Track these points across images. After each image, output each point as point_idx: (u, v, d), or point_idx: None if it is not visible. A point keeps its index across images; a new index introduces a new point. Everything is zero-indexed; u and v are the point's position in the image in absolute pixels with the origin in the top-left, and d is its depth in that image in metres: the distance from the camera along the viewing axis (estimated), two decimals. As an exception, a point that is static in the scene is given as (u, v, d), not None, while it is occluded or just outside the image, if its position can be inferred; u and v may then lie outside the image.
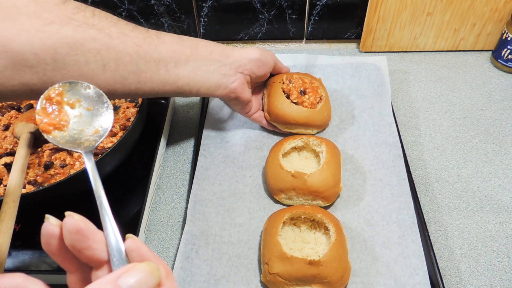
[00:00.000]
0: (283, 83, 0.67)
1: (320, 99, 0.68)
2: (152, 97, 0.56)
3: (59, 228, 0.28)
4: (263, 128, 0.71)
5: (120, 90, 0.50)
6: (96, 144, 0.40)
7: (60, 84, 0.41)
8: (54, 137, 0.40)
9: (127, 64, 0.49)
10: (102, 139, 0.40)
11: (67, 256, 0.29)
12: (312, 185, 0.57)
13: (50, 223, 0.28)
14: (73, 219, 0.28)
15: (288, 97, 0.66)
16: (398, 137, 0.67)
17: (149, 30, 0.53)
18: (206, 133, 0.70)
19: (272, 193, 0.61)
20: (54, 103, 0.40)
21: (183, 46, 0.55)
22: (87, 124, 0.41)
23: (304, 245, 0.55)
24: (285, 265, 0.50)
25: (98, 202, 0.33)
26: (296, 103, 0.66)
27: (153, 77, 0.52)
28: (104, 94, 0.43)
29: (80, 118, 0.41)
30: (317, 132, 0.69)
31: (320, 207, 0.58)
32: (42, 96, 0.40)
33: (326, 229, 0.55)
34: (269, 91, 0.68)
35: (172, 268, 0.56)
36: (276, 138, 0.69)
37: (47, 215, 0.29)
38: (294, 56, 0.80)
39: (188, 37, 0.57)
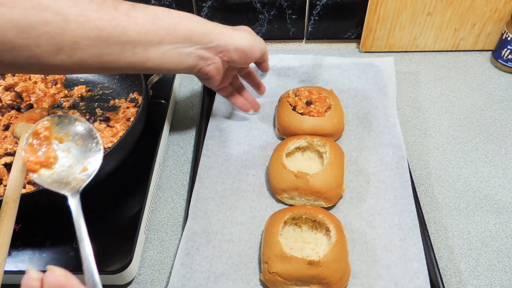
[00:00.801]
0: (289, 97, 0.69)
1: (329, 108, 0.68)
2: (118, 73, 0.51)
3: (40, 283, 0.27)
4: (267, 127, 0.71)
5: (80, 71, 0.47)
6: (84, 185, 0.37)
7: (49, 117, 0.39)
8: (39, 175, 0.37)
9: (85, 48, 0.44)
10: (90, 179, 0.38)
11: None
12: (314, 185, 0.57)
13: (31, 277, 0.27)
14: (54, 274, 0.27)
15: (294, 109, 0.68)
16: (402, 138, 0.67)
17: (119, 7, 0.46)
18: (209, 133, 0.70)
19: (274, 192, 0.61)
20: (42, 138, 0.39)
21: (158, 27, 0.49)
22: (75, 161, 0.39)
23: (304, 245, 0.55)
24: (285, 264, 0.50)
25: (82, 253, 0.31)
26: (302, 114, 0.67)
27: (117, 60, 0.48)
28: (94, 129, 0.40)
29: (69, 153, 0.39)
30: None
31: (322, 207, 0.58)
32: (29, 131, 0.38)
33: (327, 230, 0.55)
34: (278, 107, 0.70)
35: (172, 264, 0.56)
36: (281, 138, 0.70)
37: (28, 269, 0.27)
38: (300, 57, 0.80)
39: (169, 14, 0.51)
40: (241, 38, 0.57)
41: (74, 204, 0.34)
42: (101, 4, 0.45)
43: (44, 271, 0.47)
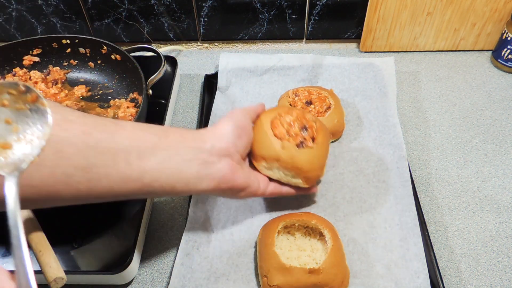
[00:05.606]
0: (289, 97, 0.69)
1: (329, 107, 0.68)
2: (113, 200, 0.43)
3: None
4: None
5: (65, 192, 0.39)
6: (27, 163, 0.30)
7: None
8: None
9: (71, 157, 0.37)
10: (36, 152, 0.30)
11: None
12: (298, 161, 0.53)
13: None
14: None
15: None
16: (402, 138, 0.67)
17: (104, 117, 0.42)
18: None
19: (253, 158, 0.56)
20: None
21: (149, 133, 0.44)
22: (14, 132, 0.31)
23: (300, 253, 0.54)
24: (285, 276, 0.49)
25: (16, 253, 0.26)
26: None
27: (109, 172, 0.40)
28: (32, 88, 0.32)
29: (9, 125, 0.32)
30: (332, 141, 0.69)
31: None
32: None
33: (321, 234, 0.54)
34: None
35: (173, 264, 0.56)
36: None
37: None
38: (301, 56, 0.80)
39: (155, 125, 0.46)
40: (222, 124, 0.50)
41: (11, 188, 0.27)
42: (83, 114, 0.41)
43: (40, 271, 0.47)
